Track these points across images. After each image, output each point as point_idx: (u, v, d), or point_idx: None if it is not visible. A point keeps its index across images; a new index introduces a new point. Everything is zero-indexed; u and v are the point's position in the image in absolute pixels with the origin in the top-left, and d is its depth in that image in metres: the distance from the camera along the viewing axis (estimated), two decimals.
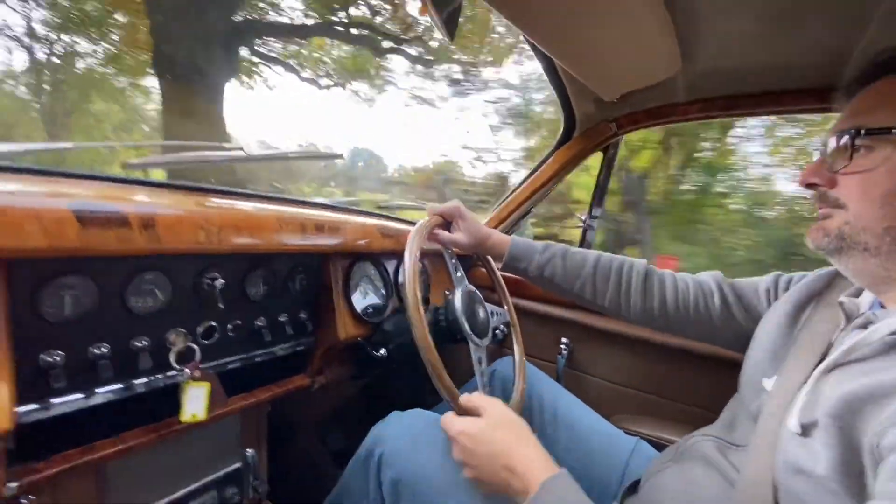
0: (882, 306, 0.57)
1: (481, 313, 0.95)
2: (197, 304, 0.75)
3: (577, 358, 1.32)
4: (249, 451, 0.92)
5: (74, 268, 0.58)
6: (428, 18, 0.57)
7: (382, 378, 1.08)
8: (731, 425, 0.72)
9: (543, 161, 1.34)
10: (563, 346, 1.31)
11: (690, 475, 0.69)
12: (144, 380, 0.69)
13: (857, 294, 0.64)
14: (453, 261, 0.95)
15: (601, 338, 1.26)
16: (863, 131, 0.53)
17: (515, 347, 1.11)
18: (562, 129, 1.29)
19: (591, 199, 1.35)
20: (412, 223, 1.34)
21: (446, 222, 0.96)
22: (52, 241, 0.50)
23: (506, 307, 1.14)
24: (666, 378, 1.19)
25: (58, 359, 0.58)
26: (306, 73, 7.29)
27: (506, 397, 1.00)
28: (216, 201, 0.72)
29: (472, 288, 0.98)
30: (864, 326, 0.53)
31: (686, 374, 1.15)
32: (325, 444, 1.26)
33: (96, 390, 0.64)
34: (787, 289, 0.78)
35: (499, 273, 1.09)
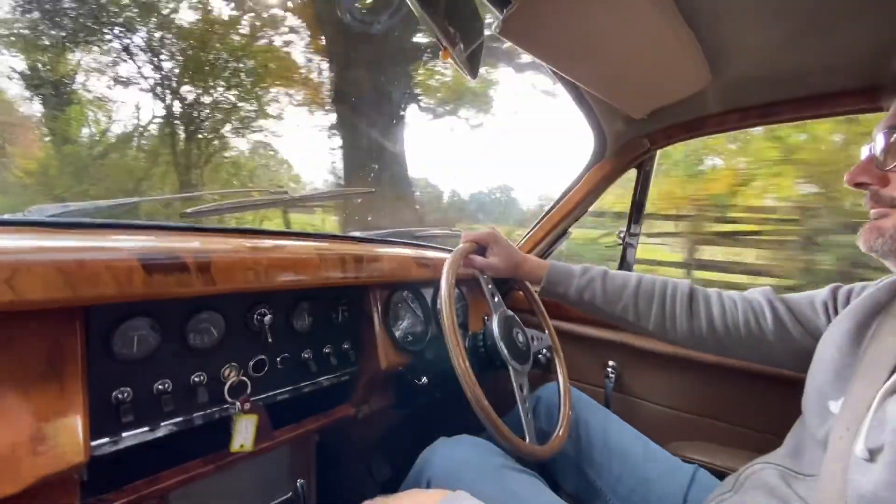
0: None
1: (521, 337, 0.95)
2: (248, 339, 0.80)
3: (625, 381, 1.28)
4: (300, 482, 0.94)
5: (141, 311, 0.65)
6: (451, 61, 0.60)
7: (425, 406, 1.09)
8: (797, 452, 0.67)
9: (576, 181, 1.34)
10: (609, 370, 1.27)
11: None
12: (202, 413, 0.74)
13: None
14: (489, 286, 0.96)
15: (650, 359, 1.21)
16: None
17: (559, 372, 1.09)
18: (593, 148, 1.29)
19: (628, 215, 1.32)
20: (448, 250, 1.37)
21: (481, 248, 0.98)
22: (122, 288, 0.56)
23: (547, 331, 1.13)
24: (723, 400, 1.12)
25: (127, 395, 0.64)
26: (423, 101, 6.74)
27: (551, 425, 0.98)
28: (263, 242, 0.77)
29: (510, 312, 0.98)
30: None
31: (745, 396, 1.08)
32: (371, 473, 1.27)
33: (161, 423, 0.69)
34: (847, 301, 0.73)
35: (537, 296, 1.09)
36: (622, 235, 1.33)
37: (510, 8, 0.68)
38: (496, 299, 0.95)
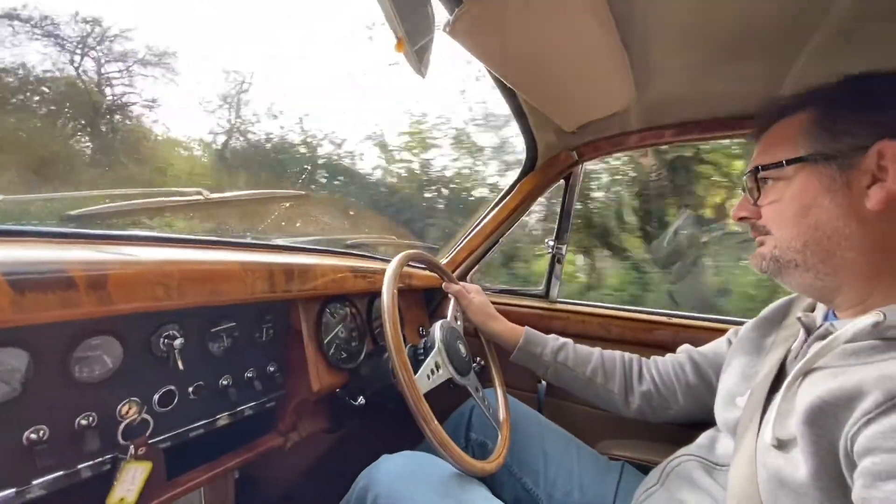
0: (836, 317, 0.61)
1: (462, 349, 0.92)
2: (152, 367, 0.67)
3: (556, 386, 1.31)
4: None
5: (8, 339, 0.50)
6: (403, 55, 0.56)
7: (361, 426, 1.02)
8: (711, 446, 0.74)
9: (507, 192, 1.36)
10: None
11: (678, 498, 0.70)
12: (90, 463, 0.60)
13: (812, 309, 0.69)
14: (458, 311, 1.07)
15: None
16: (761, 168, 0.61)
17: (496, 380, 1.08)
18: (524, 160, 1.31)
19: (556, 226, 1.37)
20: (384, 260, 1.31)
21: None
22: None
23: (483, 340, 1.13)
24: None
25: None
26: None
27: (486, 435, 0.98)
28: (176, 252, 0.66)
29: (455, 324, 0.96)
30: (823, 337, 0.55)
31: None
32: None
33: (32, 482, 0.54)
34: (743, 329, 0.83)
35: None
36: (552, 245, 1.37)
37: (461, 8, 0.66)
38: (458, 322, 1.01)
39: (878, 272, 0.54)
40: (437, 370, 0.84)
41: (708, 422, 0.81)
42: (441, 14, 0.65)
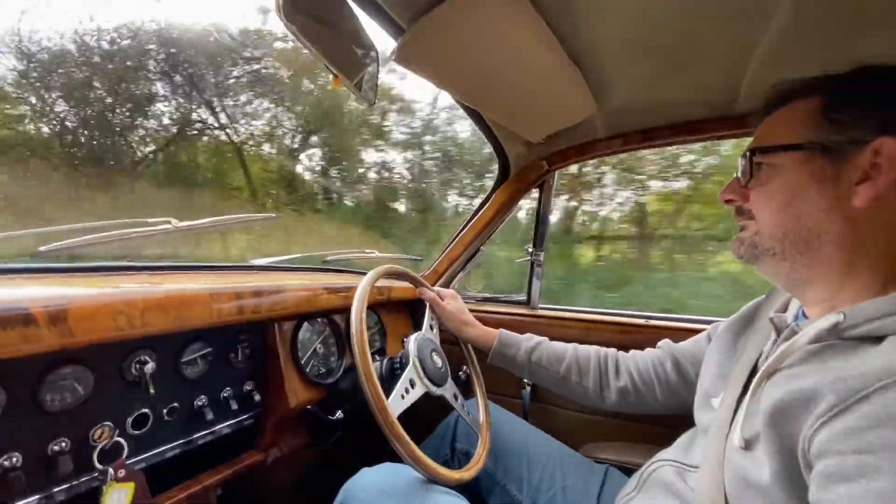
0: (805, 316, 0.61)
1: (437, 360, 0.94)
2: (125, 392, 0.70)
3: (541, 391, 1.32)
4: None
5: None
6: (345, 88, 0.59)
7: (344, 439, 1.03)
8: (688, 448, 0.74)
9: (484, 202, 1.38)
10: (526, 381, 1.31)
11: None
12: (65, 486, 0.63)
13: (784, 309, 0.69)
14: (432, 320, 1.07)
15: None
16: (758, 151, 0.60)
17: (476, 386, 1.10)
18: (497, 172, 1.34)
19: (533, 233, 1.39)
20: (362, 273, 1.33)
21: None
22: None
23: (464, 350, 1.15)
24: None
25: None
26: None
27: (471, 444, 0.99)
28: (138, 280, 0.68)
29: (429, 335, 0.98)
30: (789, 338, 0.56)
31: None
32: None
33: None
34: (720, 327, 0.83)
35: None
36: (531, 253, 1.39)
37: (405, 36, 0.68)
38: (434, 331, 1.02)
39: (852, 270, 0.54)
40: (413, 387, 0.84)
41: (686, 416, 0.81)
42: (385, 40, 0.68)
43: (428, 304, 1.10)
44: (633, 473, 0.82)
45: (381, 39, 0.70)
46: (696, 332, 0.94)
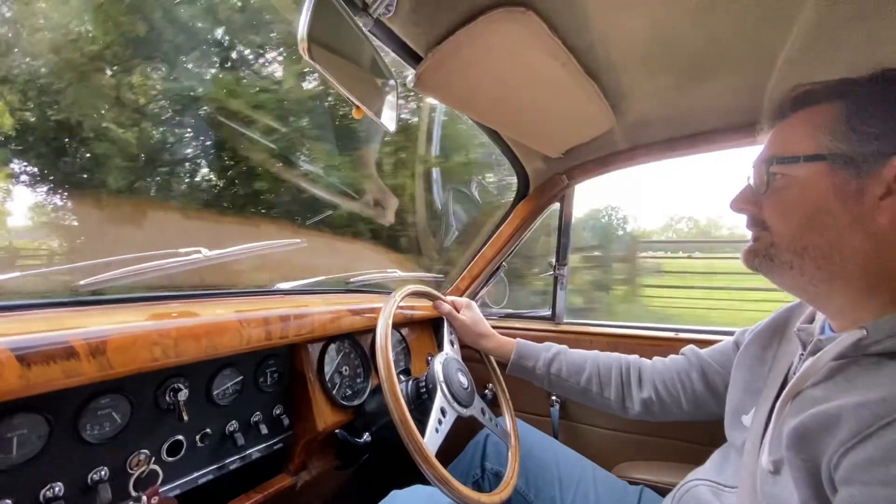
0: (832, 329, 0.59)
1: (463, 379, 0.93)
2: (159, 419, 0.72)
3: (570, 408, 1.30)
4: None
5: (21, 407, 0.56)
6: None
7: (373, 461, 1.03)
8: (722, 466, 0.72)
9: (503, 219, 1.38)
10: (554, 398, 1.28)
11: None
12: None
13: (811, 320, 0.66)
14: (451, 334, 1.05)
15: None
16: (775, 160, 0.57)
17: (503, 406, 1.08)
18: (517, 186, 1.34)
19: (556, 248, 1.38)
20: (385, 292, 1.34)
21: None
22: None
23: (490, 367, 1.13)
24: None
25: None
26: None
27: (501, 464, 0.97)
28: (171, 309, 0.71)
29: (453, 354, 0.97)
30: (815, 353, 0.54)
31: None
32: None
33: None
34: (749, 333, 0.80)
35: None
36: (554, 267, 1.38)
37: (423, 63, 0.70)
38: (455, 346, 1.01)
39: (873, 286, 0.51)
40: (444, 416, 0.83)
41: (715, 425, 0.79)
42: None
43: (445, 319, 1.09)
44: (668, 494, 0.80)
45: (400, 67, 0.72)
46: None
